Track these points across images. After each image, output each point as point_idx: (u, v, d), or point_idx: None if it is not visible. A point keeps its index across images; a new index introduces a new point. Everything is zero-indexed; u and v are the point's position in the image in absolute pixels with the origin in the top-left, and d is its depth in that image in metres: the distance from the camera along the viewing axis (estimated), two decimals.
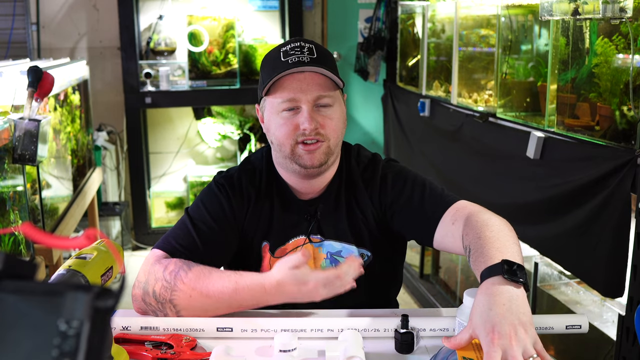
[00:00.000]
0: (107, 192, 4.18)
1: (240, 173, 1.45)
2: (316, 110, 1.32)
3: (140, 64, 4.03)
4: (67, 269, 1.01)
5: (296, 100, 1.31)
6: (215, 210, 1.39)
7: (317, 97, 1.31)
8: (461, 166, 2.71)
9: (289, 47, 1.34)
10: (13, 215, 1.96)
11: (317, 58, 1.31)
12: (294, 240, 1.41)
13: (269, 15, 4.30)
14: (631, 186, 1.62)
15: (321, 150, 1.33)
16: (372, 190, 1.42)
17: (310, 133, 1.31)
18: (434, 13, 3.14)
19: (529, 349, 0.91)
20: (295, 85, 1.31)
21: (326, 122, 1.32)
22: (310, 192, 1.43)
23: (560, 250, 1.98)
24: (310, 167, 1.34)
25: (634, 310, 1.58)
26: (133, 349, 1.16)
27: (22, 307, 0.48)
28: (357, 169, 1.45)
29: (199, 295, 1.22)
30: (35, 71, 1.90)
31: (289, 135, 1.32)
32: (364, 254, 1.42)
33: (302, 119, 1.31)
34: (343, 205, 1.43)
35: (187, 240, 1.35)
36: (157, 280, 1.26)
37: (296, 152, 1.33)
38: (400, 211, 1.39)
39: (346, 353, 1.09)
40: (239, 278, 1.24)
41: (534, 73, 2.28)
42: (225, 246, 1.40)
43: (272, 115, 1.35)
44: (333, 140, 1.34)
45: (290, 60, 1.30)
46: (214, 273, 1.25)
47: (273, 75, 1.32)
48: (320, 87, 1.31)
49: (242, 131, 4.29)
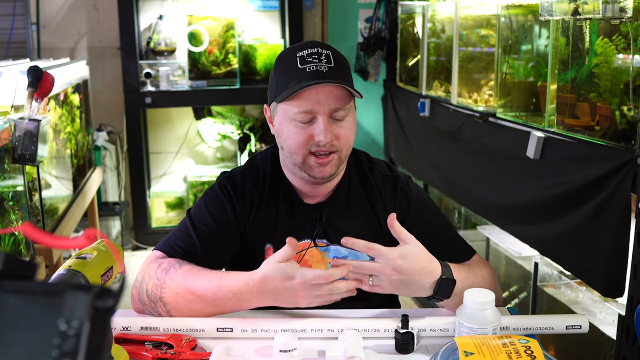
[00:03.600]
0: (107, 192, 4.18)
1: (244, 175, 1.43)
2: (331, 122, 1.30)
3: (140, 64, 4.03)
4: (67, 269, 1.01)
5: (313, 112, 1.29)
6: (217, 212, 1.39)
7: (334, 109, 1.29)
8: (461, 166, 2.71)
9: (305, 52, 1.30)
10: (13, 215, 1.96)
11: (334, 67, 1.29)
12: (299, 244, 1.39)
13: (269, 15, 4.30)
14: (631, 186, 1.62)
15: (333, 163, 1.33)
16: (392, 204, 1.42)
17: (325, 145, 1.30)
18: (434, 13, 3.14)
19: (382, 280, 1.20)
20: (313, 96, 1.28)
21: (341, 133, 1.31)
22: (316, 196, 1.42)
23: (560, 250, 1.98)
24: (320, 178, 1.34)
25: (634, 310, 1.58)
26: (133, 349, 1.16)
27: (22, 307, 0.48)
28: (370, 176, 1.45)
29: (185, 291, 1.23)
30: (35, 71, 1.90)
31: (303, 145, 1.31)
32: (372, 259, 1.41)
33: (318, 130, 1.29)
34: (353, 210, 1.42)
35: (186, 241, 1.35)
36: (150, 279, 1.27)
37: (307, 163, 1.32)
38: None
39: (346, 353, 1.09)
40: (224, 275, 1.24)
41: (534, 73, 2.28)
42: (224, 248, 1.40)
43: (285, 121, 1.32)
44: (345, 150, 1.34)
45: (307, 69, 1.27)
46: (202, 271, 1.26)
47: (289, 82, 1.29)
48: (338, 100, 1.29)
49: (242, 131, 4.29)
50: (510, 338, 1.03)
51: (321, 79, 1.26)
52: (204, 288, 1.22)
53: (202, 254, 1.34)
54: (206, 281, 1.23)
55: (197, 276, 1.24)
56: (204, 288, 1.22)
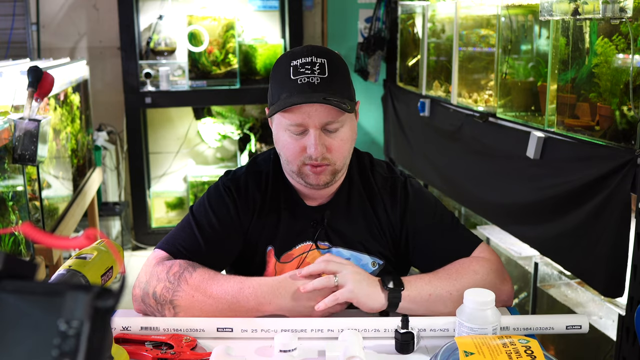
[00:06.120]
0: (107, 192, 4.18)
1: (247, 176, 1.43)
2: (324, 133, 1.29)
3: (140, 64, 4.03)
4: (67, 269, 1.01)
5: (304, 125, 1.28)
6: (221, 212, 1.38)
7: (325, 123, 1.28)
8: (461, 166, 2.71)
9: (299, 62, 1.28)
10: (13, 216, 1.96)
11: (327, 79, 1.26)
12: (300, 246, 1.40)
13: (269, 15, 4.30)
14: (631, 186, 1.62)
15: (327, 172, 1.32)
16: (393, 206, 1.42)
17: (317, 158, 1.29)
18: (434, 13, 3.14)
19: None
20: (303, 110, 1.26)
21: (333, 146, 1.30)
22: (318, 198, 1.42)
23: (560, 250, 1.98)
24: (316, 185, 1.34)
25: (634, 310, 1.58)
26: (133, 349, 1.16)
27: (22, 307, 0.48)
28: (372, 179, 1.44)
29: (202, 295, 1.24)
30: (35, 71, 1.90)
31: (296, 156, 1.31)
32: (375, 262, 1.40)
33: (309, 143, 1.28)
34: (355, 213, 1.42)
35: (190, 241, 1.35)
36: (159, 282, 1.26)
37: (302, 172, 1.32)
38: (417, 244, 1.41)
39: (346, 353, 1.09)
40: (244, 279, 1.27)
41: (534, 73, 2.28)
42: (228, 250, 1.40)
43: (280, 130, 1.32)
44: (339, 162, 1.33)
45: (299, 81, 1.26)
46: (218, 275, 1.28)
47: (282, 93, 1.28)
48: (329, 114, 1.26)
49: (242, 131, 4.29)
50: (510, 338, 1.03)
51: (311, 93, 1.24)
52: (225, 292, 1.24)
53: (206, 255, 1.34)
54: (228, 285, 1.24)
55: (215, 280, 1.25)
56: (224, 292, 1.24)
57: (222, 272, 1.35)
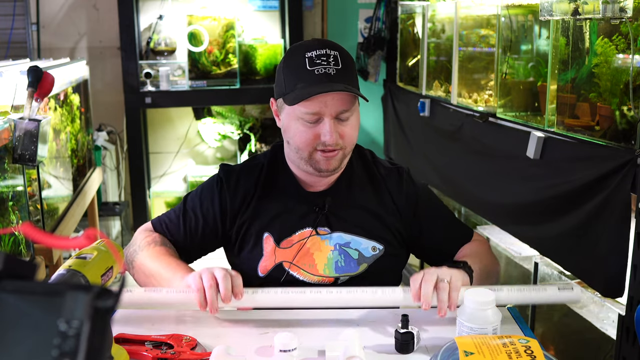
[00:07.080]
0: (107, 192, 4.18)
1: (242, 167, 1.51)
2: (337, 122, 1.36)
3: (140, 64, 4.03)
4: (67, 269, 1.01)
5: (320, 113, 1.34)
6: (206, 203, 1.48)
7: (340, 112, 1.34)
8: (461, 166, 2.71)
9: (314, 53, 1.34)
10: (13, 216, 1.96)
11: (342, 69, 1.33)
12: (300, 232, 1.44)
13: (269, 15, 4.30)
14: (631, 186, 1.62)
15: (338, 157, 1.39)
16: (398, 193, 1.50)
17: (331, 144, 1.35)
18: (434, 13, 3.14)
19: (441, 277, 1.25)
20: (320, 99, 1.32)
21: (345, 132, 1.37)
22: (319, 185, 1.47)
23: (560, 250, 1.98)
24: (326, 171, 1.40)
25: (634, 310, 1.58)
26: (133, 349, 1.16)
27: (22, 307, 0.48)
28: (374, 168, 1.53)
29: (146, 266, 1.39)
30: (35, 71, 1.90)
31: (310, 143, 1.36)
32: (375, 246, 1.45)
33: (324, 130, 1.34)
34: (356, 198, 1.48)
35: (172, 223, 1.49)
36: (133, 244, 1.47)
37: (314, 157, 1.38)
38: (428, 227, 1.52)
39: (346, 353, 1.09)
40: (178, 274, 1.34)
41: (534, 73, 2.28)
42: (204, 239, 1.49)
43: (292, 120, 1.38)
44: (349, 147, 1.41)
45: (316, 71, 1.32)
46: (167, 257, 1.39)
47: (297, 83, 1.33)
48: (344, 102, 1.34)
49: (242, 131, 4.29)
50: (510, 338, 1.03)
51: (329, 83, 1.31)
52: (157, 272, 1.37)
53: (182, 238, 1.48)
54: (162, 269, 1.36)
55: (159, 259, 1.38)
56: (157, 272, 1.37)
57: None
